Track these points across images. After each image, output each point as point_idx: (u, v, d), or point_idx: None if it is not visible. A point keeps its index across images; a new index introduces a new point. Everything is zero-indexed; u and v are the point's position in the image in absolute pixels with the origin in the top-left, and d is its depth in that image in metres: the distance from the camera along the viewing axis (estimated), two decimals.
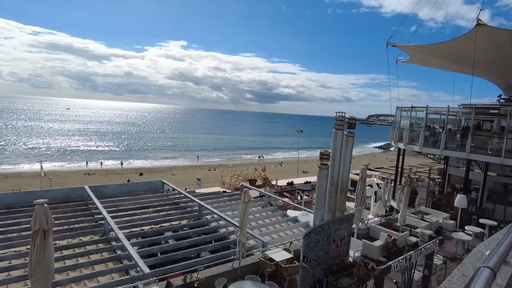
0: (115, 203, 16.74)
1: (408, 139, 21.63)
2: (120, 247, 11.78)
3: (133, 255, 10.42)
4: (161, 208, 16.94)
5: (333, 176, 9.34)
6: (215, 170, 63.74)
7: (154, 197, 18.65)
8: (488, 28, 17.26)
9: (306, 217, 16.37)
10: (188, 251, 12.50)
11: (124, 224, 13.90)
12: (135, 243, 12.70)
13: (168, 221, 15.04)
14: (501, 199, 20.50)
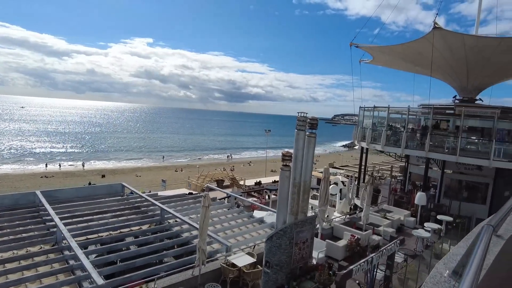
0: (70, 208, 15.68)
1: (370, 138, 22.08)
2: (73, 256, 10.93)
3: (86, 265, 9.67)
4: (121, 212, 16.07)
5: (296, 177, 9.15)
6: (182, 170, 62.39)
7: (113, 201, 17.69)
8: (444, 32, 17.93)
9: (273, 218, 16.14)
10: (149, 257, 11.86)
11: (79, 231, 13.00)
12: (92, 251, 11.92)
13: (127, 226, 14.26)
14: (456, 195, 21.46)
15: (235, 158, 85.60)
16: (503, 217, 2.61)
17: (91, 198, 17.60)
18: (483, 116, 19.53)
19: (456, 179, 21.74)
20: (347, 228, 14.78)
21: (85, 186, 28.95)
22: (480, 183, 20.99)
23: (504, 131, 19.52)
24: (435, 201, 20.98)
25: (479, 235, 1.97)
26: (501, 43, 17.86)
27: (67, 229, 12.50)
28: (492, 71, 21.02)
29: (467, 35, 18.15)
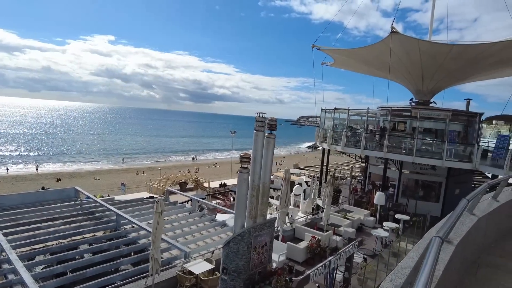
0: (15, 216, 14.45)
1: (331, 139, 22.42)
2: (13, 270, 9.97)
3: (25, 280, 8.83)
4: (73, 219, 15.05)
5: (254, 179, 8.89)
6: (143, 173, 60.34)
7: (65, 207, 16.55)
8: (401, 36, 18.54)
9: None
10: (103, 266, 11.10)
11: (23, 241, 11.98)
12: (39, 262, 10.97)
13: (80, 233, 13.38)
14: (413, 194, 22.31)
15: (200, 160, 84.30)
16: (451, 226, 2.66)
17: (40, 205, 16.35)
18: (437, 118, 20.44)
19: (413, 179, 22.61)
20: (308, 229, 14.78)
21: (35, 191, 27.00)
22: (434, 182, 21.96)
23: (455, 132, 20.54)
24: (393, 201, 21.68)
25: (428, 248, 1.95)
26: (452, 49, 18.80)
27: (8, 239, 11.47)
28: (444, 76, 22.08)
29: (422, 41, 18.91)
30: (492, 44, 18.15)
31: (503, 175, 16.48)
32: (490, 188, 4.74)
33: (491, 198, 4.69)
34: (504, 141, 18.63)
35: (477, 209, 3.97)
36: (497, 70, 22.31)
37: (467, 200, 3.41)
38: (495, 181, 4.83)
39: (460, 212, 2.76)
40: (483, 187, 4.42)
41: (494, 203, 4.58)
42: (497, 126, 39.21)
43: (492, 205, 4.43)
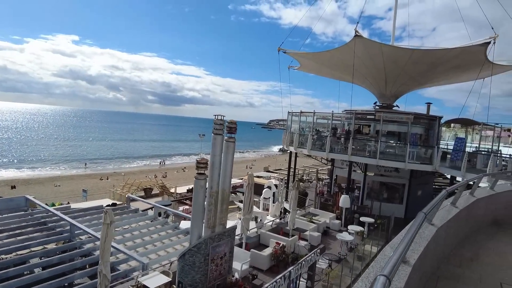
0: None
1: (298, 142, 22.32)
2: None
3: None
4: (21, 231, 13.82)
5: (212, 186, 8.41)
6: (107, 179, 57.76)
7: (13, 218, 15.20)
8: (364, 40, 18.76)
9: None
10: (56, 281, 10.12)
11: None
12: None
13: (28, 247, 12.26)
14: (378, 196, 22.68)
15: (168, 164, 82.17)
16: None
17: None
18: (399, 121, 20.88)
19: (378, 181, 22.97)
20: (274, 235, 14.45)
21: None
22: (398, 184, 22.43)
23: (417, 135, 21.08)
24: (359, 203, 21.91)
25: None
26: (413, 54, 19.27)
27: None
28: (406, 80, 22.67)
29: (385, 45, 19.26)
30: (449, 50, 18.81)
31: (461, 176, 17.05)
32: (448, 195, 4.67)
33: (450, 205, 4.53)
34: (461, 144, 19.30)
35: (436, 217, 3.72)
36: (454, 75, 23.22)
37: (424, 214, 3.27)
38: (453, 187, 4.70)
39: (417, 227, 2.57)
40: (442, 195, 4.36)
41: (453, 209, 4.44)
42: (455, 129, 41.12)
43: (451, 212, 4.25)
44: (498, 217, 6.58)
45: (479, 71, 18.88)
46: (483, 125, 21.06)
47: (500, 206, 6.63)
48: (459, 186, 4.77)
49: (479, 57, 18.64)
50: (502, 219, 6.67)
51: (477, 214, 5.63)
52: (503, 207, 6.73)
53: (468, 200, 5.17)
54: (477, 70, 19.23)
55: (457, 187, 4.73)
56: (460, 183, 5.32)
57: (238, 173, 54.72)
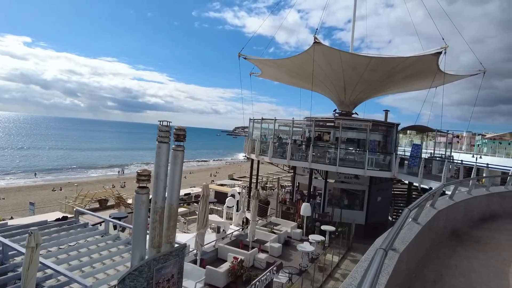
0: None
1: (259, 150, 21.80)
2: None
3: None
4: None
5: (157, 201, 7.51)
6: (61, 190, 53.99)
7: None
8: (323, 47, 18.70)
9: None
10: None
11: None
12: None
13: None
14: (338, 203, 22.65)
15: (128, 174, 78.74)
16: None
17: None
18: (358, 129, 21.01)
19: (339, 188, 22.96)
20: (232, 248, 13.69)
21: None
22: (358, 191, 22.54)
23: (375, 142, 21.33)
24: (320, 210, 21.73)
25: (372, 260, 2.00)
26: (371, 61, 19.52)
27: None
28: (365, 87, 22.98)
29: (344, 52, 19.34)
30: (405, 58, 19.25)
31: (418, 183, 17.32)
32: None
33: (412, 221, 4.16)
34: (418, 150, 19.71)
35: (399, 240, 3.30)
36: (409, 83, 23.93)
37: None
38: (434, 190, 5.03)
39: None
40: (425, 196, 4.57)
41: (415, 226, 4.09)
42: (411, 136, 42.77)
43: (413, 230, 3.89)
44: (457, 228, 6.33)
45: (432, 80, 19.47)
46: (437, 131, 21.73)
47: (459, 217, 6.39)
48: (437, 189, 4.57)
49: (432, 66, 19.25)
50: (460, 230, 6.43)
51: (438, 227, 5.27)
52: (461, 217, 6.50)
53: (429, 213, 4.77)
54: (430, 79, 19.86)
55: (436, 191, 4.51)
56: (438, 186, 5.16)
57: (201, 182, 53.37)
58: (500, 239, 6.18)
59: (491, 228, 6.89)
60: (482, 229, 6.82)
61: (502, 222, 7.66)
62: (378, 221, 22.53)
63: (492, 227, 7.07)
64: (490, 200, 7.92)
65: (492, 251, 5.33)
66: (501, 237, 6.28)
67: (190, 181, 59.76)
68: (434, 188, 5.06)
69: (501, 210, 8.52)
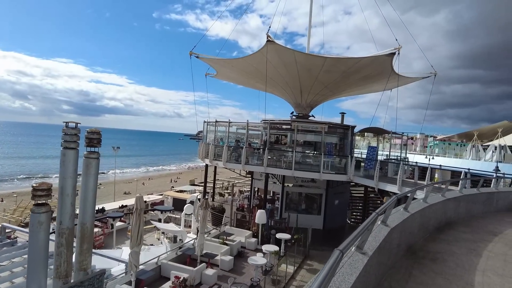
0: None
1: (213, 154, 20.55)
2: None
3: None
4: None
5: (62, 221, 6.08)
6: (2, 201, 49.17)
7: None
8: (277, 46, 17.89)
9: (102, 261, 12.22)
10: None
11: None
12: None
13: None
14: (297, 207, 21.96)
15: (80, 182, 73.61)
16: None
17: None
18: (314, 131, 20.43)
19: (296, 192, 22.26)
20: (176, 265, 12.32)
21: None
22: (316, 195, 21.97)
23: (332, 144, 20.86)
24: (278, 215, 20.89)
25: None
26: (325, 62, 19.00)
27: None
28: (320, 89, 22.51)
29: (298, 52, 18.67)
30: (360, 59, 18.95)
31: (374, 186, 16.94)
32: None
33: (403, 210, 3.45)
34: (373, 152, 19.47)
35: None
36: (365, 85, 23.81)
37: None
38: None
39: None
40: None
41: (384, 229, 3.28)
42: (368, 138, 43.50)
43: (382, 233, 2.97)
44: (412, 243, 5.55)
45: (387, 81, 19.33)
46: (392, 133, 21.71)
47: (415, 229, 5.62)
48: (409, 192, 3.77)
49: (386, 68, 19.11)
50: (416, 244, 5.65)
51: (392, 246, 4.40)
52: (417, 229, 5.74)
53: (380, 234, 3.86)
54: (385, 80, 19.74)
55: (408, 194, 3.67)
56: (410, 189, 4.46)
57: (161, 188, 50.95)
58: (459, 253, 5.47)
59: (448, 240, 6.20)
60: (439, 241, 6.11)
61: (458, 230, 7.06)
62: (336, 225, 22.08)
63: (449, 237, 6.40)
64: (446, 206, 7.32)
65: (452, 272, 4.55)
66: (459, 251, 5.58)
67: (148, 188, 56.95)
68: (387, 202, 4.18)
69: (456, 216, 7.99)
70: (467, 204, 8.49)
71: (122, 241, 20.56)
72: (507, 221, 8.85)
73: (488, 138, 54.70)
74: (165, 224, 20.03)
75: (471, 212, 8.70)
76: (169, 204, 27.49)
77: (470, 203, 8.63)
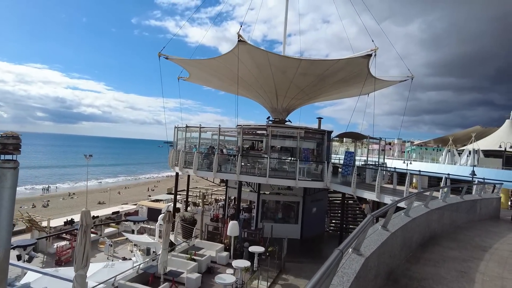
0: None
1: (183, 162, 19.28)
2: None
3: None
4: None
5: None
6: None
7: None
8: (249, 47, 16.97)
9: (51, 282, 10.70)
10: None
11: None
12: None
13: None
14: (273, 216, 20.95)
15: (54, 191, 70.05)
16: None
17: None
18: (291, 136, 19.53)
19: (273, 200, 21.27)
20: (136, 285, 11.01)
21: None
22: (293, 202, 21.04)
23: (308, 150, 20.03)
24: (254, 226, 19.81)
25: None
26: (300, 64, 18.21)
27: None
28: (296, 93, 21.72)
29: (271, 53, 17.76)
30: (336, 60, 18.26)
31: (351, 193, 16.14)
32: None
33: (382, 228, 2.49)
34: (350, 158, 18.74)
35: None
36: (342, 89, 23.17)
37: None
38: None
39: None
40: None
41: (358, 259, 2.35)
42: (347, 144, 43.18)
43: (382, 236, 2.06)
44: (394, 267, 4.60)
45: (363, 84, 18.71)
46: (369, 138, 21.10)
47: (396, 250, 4.68)
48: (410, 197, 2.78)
49: (363, 70, 18.50)
50: (398, 268, 4.71)
51: (368, 277, 3.41)
52: (398, 250, 4.81)
53: (352, 265, 2.86)
54: (362, 84, 19.10)
55: None
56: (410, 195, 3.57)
57: (137, 197, 48.83)
58: (448, 279, 4.56)
59: (435, 260, 5.31)
60: (424, 262, 5.20)
61: (444, 246, 6.19)
62: (314, 234, 21.19)
63: (435, 256, 5.51)
64: (430, 218, 6.46)
65: None
66: (448, 276, 4.68)
67: (124, 197, 54.58)
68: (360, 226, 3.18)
69: (440, 229, 7.15)
70: (451, 214, 7.70)
71: (92, 255, 18.89)
72: (493, 232, 8.12)
73: (462, 142, 55.72)
74: (138, 235, 18.57)
75: (455, 222, 7.92)
76: (143, 214, 26.04)
77: (454, 212, 7.85)
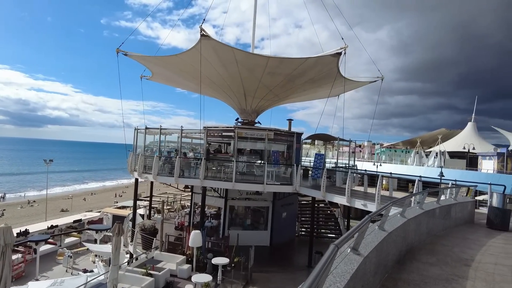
0: None
1: (142, 167, 17.80)
2: None
3: None
4: None
5: None
6: None
7: None
8: (213, 42, 15.84)
9: None
10: None
11: None
12: None
13: None
14: (242, 223, 19.90)
15: (12, 198, 65.30)
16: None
17: None
18: (258, 138, 18.57)
19: (243, 206, 20.21)
20: None
21: None
22: (262, 208, 20.09)
23: (278, 153, 19.16)
24: (220, 234, 18.64)
25: None
26: (268, 62, 17.30)
27: None
28: (265, 94, 20.82)
29: (238, 50, 16.70)
30: (305, 59, 17.50)
31: (321, 197, 15.36)
32: None
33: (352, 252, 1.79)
34: (320, 160, 18.04)
35: None
36: (312, 89, 22.54)
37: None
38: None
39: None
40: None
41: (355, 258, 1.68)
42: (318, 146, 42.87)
43: None
44: None
45: (333, 84, 18.09)
46: (339, 139, 20.52)
47: (369, 274, 3.73)
48: None
49: (333, 70, 17.89)
50: None
51: None
52: (372, 274, 3.87)
53: None
54: (332, 84, 18.49)
55: None
56: None
57: (103, 204, 46.35)
58: None
59: (415, 282, 4.42)
60: (402, 284, 4.29)
61: (423, 262, 5.36)
62: (284, 240, 20.30)
63: (414, 276, 4.63)
64: (406, 229, 5.61)
65: None
66: None
67: (89, 204, 51.63)
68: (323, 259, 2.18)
69: (417, 240, 6.35)
70: (428, 221, 6.95)
71: (49, 268, 16.95)
72: (470, 240, 7.46)
73: (429, 144, 57.31)
74: (101, 245, 16.87)
75: (432, 231, 7.19)
76: (108, 222, 24.23)
77: (430, 219, 7.10)
